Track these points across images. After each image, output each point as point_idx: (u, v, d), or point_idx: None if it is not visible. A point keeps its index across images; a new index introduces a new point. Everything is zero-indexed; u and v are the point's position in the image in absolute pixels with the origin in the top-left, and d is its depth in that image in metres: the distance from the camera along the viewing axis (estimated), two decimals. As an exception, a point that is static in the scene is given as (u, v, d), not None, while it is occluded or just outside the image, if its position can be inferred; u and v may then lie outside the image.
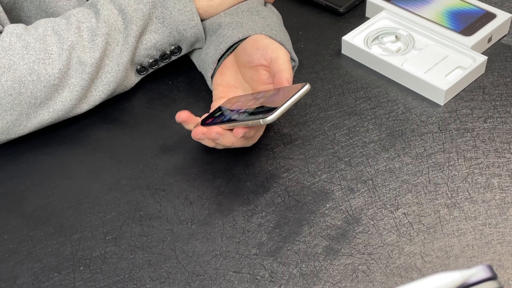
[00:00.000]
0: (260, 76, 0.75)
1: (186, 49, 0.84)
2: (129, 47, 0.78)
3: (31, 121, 0.76)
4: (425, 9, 0.92)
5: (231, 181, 0.75)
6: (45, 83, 0.74)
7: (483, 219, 0.69)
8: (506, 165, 0.74)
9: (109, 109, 0.84)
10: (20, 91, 0.73)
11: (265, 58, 0.74)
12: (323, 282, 0.65)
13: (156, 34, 0.80)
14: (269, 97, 0.69)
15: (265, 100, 0.68)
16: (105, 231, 0.70)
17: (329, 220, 0.70)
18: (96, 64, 0.76)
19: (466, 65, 0.84)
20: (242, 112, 0.69)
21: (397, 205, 0.71)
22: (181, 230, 0.70)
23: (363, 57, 0.88)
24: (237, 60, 0.78)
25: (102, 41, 0.76)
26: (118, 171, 0.76)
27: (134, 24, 0.77)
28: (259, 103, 0.69)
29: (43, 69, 0.74)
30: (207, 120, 0.73)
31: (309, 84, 0.66)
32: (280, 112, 0.64)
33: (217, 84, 0.79)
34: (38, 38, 0.74)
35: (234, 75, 0.79)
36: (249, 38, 0.77)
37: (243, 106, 0.70)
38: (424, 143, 0.77)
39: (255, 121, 0.66)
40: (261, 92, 0.72)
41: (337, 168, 0.75)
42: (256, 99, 0.70)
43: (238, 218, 0.71)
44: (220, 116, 0.72)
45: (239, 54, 0.78)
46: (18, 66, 0.73)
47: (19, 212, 0.73)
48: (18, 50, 0.73)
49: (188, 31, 0.80)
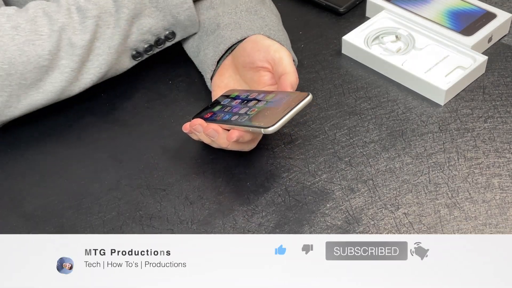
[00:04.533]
0: (261, 78, 0.75)
1: (180, 35, 0.83)
2: (121, 30, 0.78)
3: (22, 103, 0.76)
4: (425, 9, 0.92)
5: (231, 181, 0.75)
6: (35, 64, 0.74)
7: (483, 219, 0.69)
8: (506, 165, 0.74)
9: (109, 109, 0.84)
10: (9, 72, 0.73)
11: (267, 60, 0.74)
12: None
13: (151, 18, 0.79)
14: (270, 101, 0.69)
15: (267, 105, 0.68)
16: (105, 231, 0.70)
17: (329, 220, 0.70)
18: (86, 46, 0.76)
19: (466, 65, 0.84)
20: (243, 114, 0.69)
21: (398, 205, 0.71)
22: (181, 230, 0.70)
23: (363, 57, 0.88)
24: (236, 62, 0.78)
25: (93, 24, 0.76)
26: (118, 171, 0.76)
27: (125, 8, 0.77)
28: (261, 107, 0.68)
29: (33, 50, 0.74)
30: (206, 114, 0.73)
31: (311, 94, 0.66)
32: (282, 123, 0.65)
33: (216, 86, 0.79)
34: (29, 20, 0.74)
35: (233, 77, 0.79)
36: (248, 39, 0.77)
37: (244, 106, 0.70)
38: (425, 143, 0.77)
39: (256, 129, 0.66)
40: (263, 92, 0.72)
41: (337, 168, 0.75)
42: (257, 100, 0.70)
43: (238, 218, 0.71)
44: (220, 113, 0.72)
45: (239, 55, 0.77)
46: (8, 47, 0.73)
47: (19, 212, 0.73)
48: (8, 31, 0.73)
49: (181, 14, 0.80)
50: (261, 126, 0.65)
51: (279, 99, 0.68)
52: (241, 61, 0.77)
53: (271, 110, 0.67)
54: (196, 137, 0.75)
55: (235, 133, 0.68)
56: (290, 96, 0.68)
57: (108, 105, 0.84)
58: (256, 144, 0.74)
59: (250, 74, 0.76)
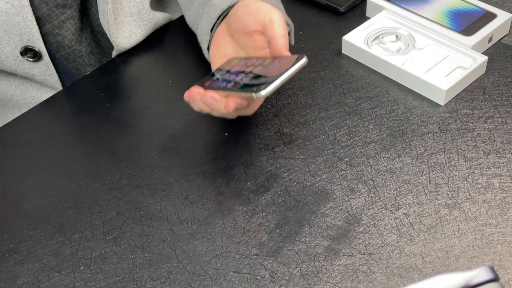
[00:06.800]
0: (255, 42, 0.73)
1: None
2: None
3: None
4: (425, 8, 0.92)
5: (231, 181, 0.75)
6: None
7: (483, 219, 0.69)
8: (506, 165, 0.74)
9: (109, 109, 0.84)
10: None
11: (258, 23, 0.72)
12: (323, 282, 0.65)
13: None
14: (265, 66, 0.67)
15: (261, 70, 0.67)
16: (105, 231, 0.70)
17: (329, 220, 0.70)
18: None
19: (466, 65, 0.84)
20: (239, 80, 0.68)
21: (398, 205, 0.71)
22: (182, 230, 0.70)
23: (363, 57, 0.88)
24: (230, 28, 0.77)
25: None
26: (118, 171, 0.76)
27: None
28: (256, 72, 0.67)
29: None
30: (205, 83, 0.72)
31: (306, 56, 0.65)
32: (274, 86, 0.63)
33: (213, 56, 0.78)
34: None
35: (230, 44, 0.77)
36: (240, 3, 0.75)
37: (241, 73, 0.69)
38: (425, 143, 0.77)
39: (249, 93, 0.65)
40: (259, 58, 0.70)
41: (337, 168, 0.75)
42: (254, 66, 0.69)
43: (238, 218, 0.71)
44: (217, 81, 0.71)
45: (231, 21, 0.76)
46: None
47: (19, 212, 0.73)
48: None
49: None
50: (253, 90, 0.64)
51: (276, 63, 0.67)
52: (234, 27, 0.75)
53: (266, 74, 0.66)
54: (196, 107, 0.72)
55: (232, 102, 0.66)
56: (287, 60, 0.66)
57: (108, 105, 0.84)
58: (256, 109, 0.73)
59: (245, 39, 0.74)
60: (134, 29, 0.91)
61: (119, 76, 0.84)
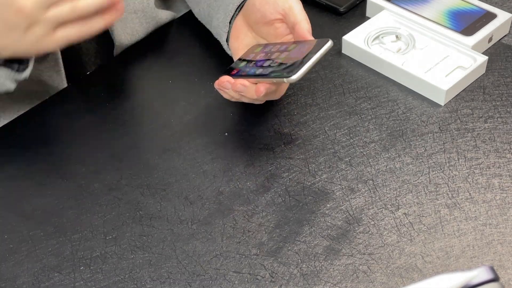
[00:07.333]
0: (277, 30, 0.75)
1: None
2: None
3: None
4: (425, 8, 0.92)
5: (231, 181, 0.75)
6: None
7: (483, 219, 0.69)
8: (506, 165, 0.74)
9: (109, 109, 0.84)
10: None
11: (277, 11, 0.73)
12: (323, 282, 0.65)
13: None
14: (290, 51, 0.69)
15: (288, 55, 0.69)
16: (105, 231, 0.70)
17: (329, 220, 0.70)
18: None
19: (466, 65, 0.84)
20: (266, 67, 0.69)
21: (398, 205, 0.71)
22: (182, 230, 0.70)
23: (363, 57, 0.88)
24: (248, 19, 0.78)
25: None
26: (118, 171, 0.76)
27: None
28: (283, 58, 0.69)
29: None
30: (232, 71, 0.73)
31: (331, 40, 0.67)
32: (304, 70, 0.66)
33: (235, 49, 0.79)
34: None
35: (249, 35, 0.79)
36: None
37: (267, 59, 0.71)
38: (425, 143, 0.77)
39: (280, 79, 0.67)
40: (284, 44, 0.72)
41: (337, 168, 0.75)
42: (279, 52, 0.71)
43: (238, 218, 0.71)
44: (245, 68, 0.72)
45: (249, 13, 0.77)
46: None
47: (19, 212, 0.73)
48: None
49: None
50: (283, 75, 0.66)
51: (300, 48, 0.69)
52: (253, 18, 0.76)
53: (293, 60, 0.68)
54: (226, 95, 0.74)
55: (263, 87, 0.68)
56: (311, 44, 0.68)
57: (108, 105, 0.84)
58: (283, 92, 0.75)
59: (265, 29, 0.76)
60: (137, 26, 0.91)
61: (120, 76, 0.84)
